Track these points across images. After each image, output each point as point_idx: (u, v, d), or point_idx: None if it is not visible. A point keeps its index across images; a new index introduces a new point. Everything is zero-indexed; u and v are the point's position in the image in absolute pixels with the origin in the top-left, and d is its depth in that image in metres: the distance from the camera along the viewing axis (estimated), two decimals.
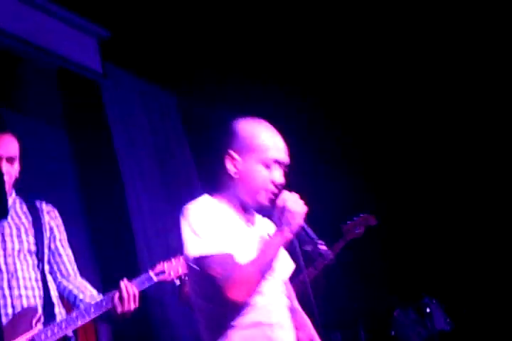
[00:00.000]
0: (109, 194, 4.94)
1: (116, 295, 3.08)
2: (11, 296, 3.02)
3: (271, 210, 2.44)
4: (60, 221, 3.36)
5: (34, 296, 3.09)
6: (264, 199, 2.44)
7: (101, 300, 3.10)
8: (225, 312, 2.36)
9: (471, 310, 5.52)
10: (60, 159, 4.87)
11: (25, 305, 3.04)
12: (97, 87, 5.20)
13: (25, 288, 3.08)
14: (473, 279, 5.69)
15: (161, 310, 4.85)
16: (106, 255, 4.82)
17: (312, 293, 2.44)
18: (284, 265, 2.55)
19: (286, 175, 2.50)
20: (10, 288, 3.03)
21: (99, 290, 3.27)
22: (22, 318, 2.98)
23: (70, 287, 3.25)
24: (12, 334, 2.92)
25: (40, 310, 3.05)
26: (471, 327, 5.38)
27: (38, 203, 3.33)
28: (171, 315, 4.90)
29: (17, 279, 3.06)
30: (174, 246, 4.39)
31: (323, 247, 2.42)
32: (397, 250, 5.91)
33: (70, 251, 3.35)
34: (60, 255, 3.28)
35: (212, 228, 2.35)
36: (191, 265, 2.37)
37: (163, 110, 5.83)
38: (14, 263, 3.08)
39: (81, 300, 3.19)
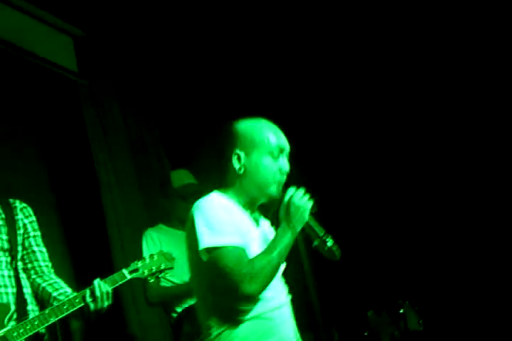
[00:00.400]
0: (84, 192, 4.92)
1: (89, 292, 3.07)
2: None
3: (278, 204, 2.51)
4: (34, 218, 3.35)
5: (7, 293, 3.08)
6: (274, 191, 2.52)
7: (73, 297, 3.08)
8: (231, 304, 2.40)
9: (441, 311, 5.57)
10: (33, 158, 4.86)
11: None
12: (74, 87, 5.18)
13: None
14: (445, 280, 5.73)
15: (135, 309, 4.84)
16: (80, 253, 4.79)
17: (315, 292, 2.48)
18: None
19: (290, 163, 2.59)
20: None
21: (73, 289, 3.26)
22: None
23: (44, 284, 3.24)
24: None
25: (12, 307, 3.04)
26: (442, 327, 5.42)
27: (11, 201, 3.32)
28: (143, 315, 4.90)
29: None
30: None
31: (330, 243, 2.48)
32: (371, 251, 5.94)
33: (44, 249, 3.34)
34: (33, 252, 3.27)
35: (225, 222, 2.40)
36: (203, 258, 2.38)
37: (139, 110, 5.82)
38: None
39: (55, 298, 3.18)
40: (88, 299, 3.05)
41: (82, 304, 3.06)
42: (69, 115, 5.12)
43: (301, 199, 2.45)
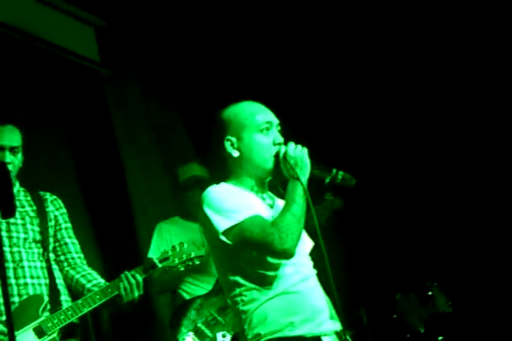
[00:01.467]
0: (110, 183, 4.95)
1: (120, 282, 3.11)
2: (17, 285, 3.06)
3: (281, 174, 2.53)
4: (64, 210, 3.40)
5: (40, 284, 3.13)
6: (271, 164, 2.55)
7: (105, 287, 3.13)
8: (258, 283, 2.44)
9: (470, 292, 5.56)
10: (59, 149, 4.89)
11: (31, 293, 3.07)
12: (96, 76, 5.22)
13: (31, 277, 3.12)
14: (473, 262, 5.71)
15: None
16: (108, 243, 4.85)
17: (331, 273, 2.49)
18: (306, 240, 2.65)
19: (282, 132, 2.61)
20: (16, 277, 3.07)
21: (104, 279, 3.30)
22: (28, 306, 3.03)
23: (77, 276, 3.28)
24: (19, 322, 2.95)
25: (46, 298, 3.09)
26: (471, 309, 5.41)
27: (41, 193, 3.37)
28: None
29: (23, 268, 3.10)
30: None
31: (340, 173, 2.52)
32: (397, 234, 5.93)
33: (76, 240, 3.39)
34: (66, 244, 3.32)
35: (232, 201, 2.45)
36: (227, 241, 2.41)
37: (161, 96, 5.84)
38: (20, 252, 3.12)
39: (88, 289, 3.22)
40: (120, 289, 3.10)
41: (115, 294, 3.11)
42: (92, 104, 5.16)
43: (295, 150, 2.49)
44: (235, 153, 2.56)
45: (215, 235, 2.44)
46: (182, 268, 3.42)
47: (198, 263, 3.44)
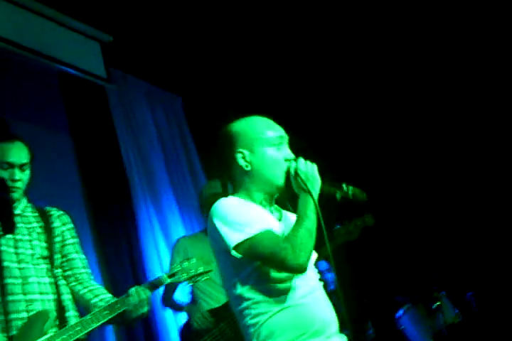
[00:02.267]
0: (117, 199, 4.96)
1: (129, 298, 3.10)
2: (26, 301, 3.05)
3: (291, 189, 2.55)
4: (71, 225, 3.40)
5: (48, 300, 3.13)
6: (282, 181, 2.56)
7: (113, 303, 3.12)
8: (266, 296, 2.45)
9: (480, 301, 5.54)
10: (66, 165, 4.90)
11: (39, 309, 3.07)
12: (102, 92, 5.25)
13: (40, 292, 3.12)
14: (482, 271, 5.70)
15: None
16: (114, 260, 4.83)
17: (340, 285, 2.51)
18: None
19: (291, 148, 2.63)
20: (24, 293, 3.07)
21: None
22: (36, 322, 3.02)
23: (84, 291, 3.27)
24: (27, 338, 2.95)
25: (53, 314, 3.08)
26: (480, 318, 5.39)
27: (47, 209, 3.38)
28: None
29: (31, 284, 3.10)
30: None
31: (350, 188, 2.56)
32: (404, 244, 5.93)
33: (83, 256, 3.39)
34: (73, 259, 3.32)
35: (243, 214, 2.45)
36: (236, 255, 2.41)
37: (168, 110, 5.86)
38: (28, 269, 3.12)
39: (95, 304, 3.21)
40: (128, 305, 3.09)
41: (123, 309, 3.10)
42: (99, 119, 5.19)
43: (305, 165, 2.51)
44: (247, 167, 2.56)
45: (224, 248, 2.44)
46: (190, 284, 3.42)
47: (205, 278, 3.46)
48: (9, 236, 3.10)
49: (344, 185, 2.56)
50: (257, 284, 2.46)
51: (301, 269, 2.39)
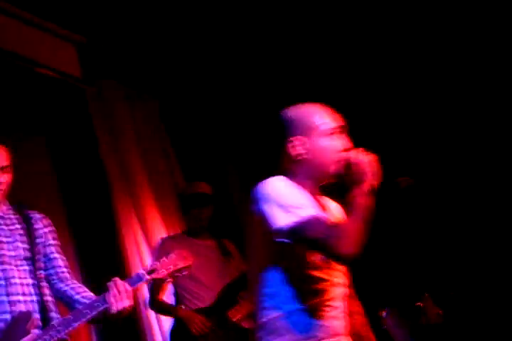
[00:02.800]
0: (96, 204, 4.93)
1: (109, 293, 3.04)
2: (9, 302, 3.03)
3: (346, 177, 2.49)
4: (52, 228, 3.38)
5: (32, 301, 3.10)
6: (337, 169, 2.49)
7: (94, 300, 3.08)
8: (292, 290, 2.40)
9: (461, 302, 5.55)
10: (43, 166, 4.87)
11: (22, 310, 3.03)
12: (80, 94, 5.22)
13: (23, 294, 3.09)
14: (465, 272, 5.71)
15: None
16: (92, 265, 4.79)
17: None
18: None
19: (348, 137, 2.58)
20: (7, 294, 3.04)
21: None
22: (18, 323, 2.98)
23: (66, 288, 3.25)
24: (9, 339, 2.93)
25: (36, 315, 3.06)
26: (462, 319, 5.40)
27: (30, 212, 3.36)
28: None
29: (14, 285, 3.07)
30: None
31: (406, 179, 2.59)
32: (385, 245, 5.91)
33: (64, 257, 3.36)
34: (55, 258, 3.30)
35: (296, 196, 2.39)
36: (283, 239, 2.35)
37: (145, 112, 5.84)
38: (11, 270, 3.10)
39: (77, 300, 3.19)
40: (109, 299, 3.02)
41: (104, 307, 3.03)
42: (78, 122, 5.16)
43: (362, 156, 2.45)
44: (301, 155, 2.50)
45: (267, 230, 2.37)
46: (169, 279, 3.36)
47: (185, 273, 3.43)
48: None
49: (400, 176, 2.56)
50: (289, 276, 2.40)
51: (348, 259, 2.32)
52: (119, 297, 3.03)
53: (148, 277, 3.19)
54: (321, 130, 2.50)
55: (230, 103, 6.04)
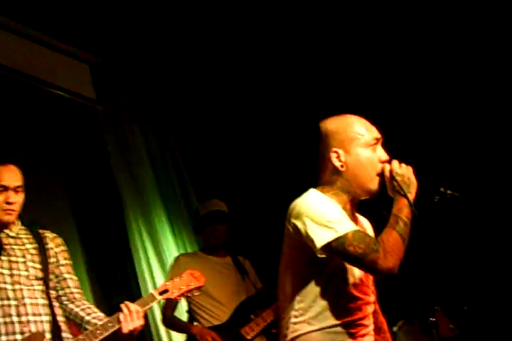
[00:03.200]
0: (108, 221, 4.95)
1: (121, 314, 3.10)
2: (20, 323, 3.05)
3: (380, 195, 2.49)
4: (65, 248, 3.42)
5: (42, 322, 3.12)
6: (376, 184, 2.48)
7: (107, 321, 3.12)
8: (324, 307, 2.40)
9: (474, 315, 5.52)
10: (56, 186, 4.90)
11: (33, 330, 3.06)
12: (93, 114, 5.27)
13: (34, 314, 3.11)
14: (477, 285, 5.68)
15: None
16: (106, 282, 4.83)
17: None
18: None
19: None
20: (18, 314, 3.06)
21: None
22: None
23: (77, 309, 3.28)
24: None
25: (48, 335, 3.08)
26: (475, 332, 5.37)
27: (41, 231, 3.39)
28: None
29: (25, 306, 3.09)
30: None
31: (448, 190, 2.51)
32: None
33: (75, 277, 3.40)
34: (64, 279, 3.33)
35: (334, 212, 2.37)
36: (324, 255, 2.33)
37: (158, 128, 5.87)
38: (21, 290, 3.12)
39: (88, 322, 3.22)
40: (121, 320, 3.08)
41: (116, 328, 3.08)
42: (90, 142, 5.21)
43: (401, 167, 2.44)
44: (341, 166, 2.49)
45: (306, 246, 2.35)
46: (181, 299, 3.43)
47: (197, 294, 3.46)
48: (4, 258, 3.13)
49: (442, 188, 2.51)
50: (327, 289, 2.40)
51: (389, 273, 2.29)
52: (131, 317, 3.08)
53: (160, 298, 3.25)
54: (363, 141, 2.49)
55: (237, 117, 6.05)
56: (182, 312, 4.63)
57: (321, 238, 2.30)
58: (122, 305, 3.12)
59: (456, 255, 5.76)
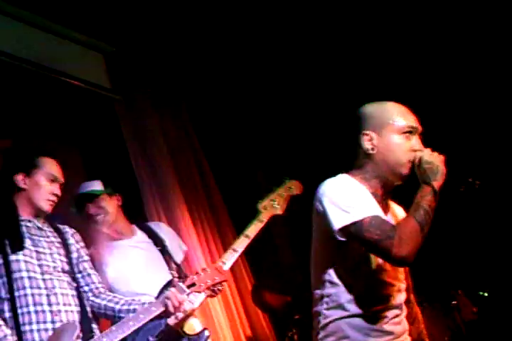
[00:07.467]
0: (128, 214, 4.94)
1: (169, 301, 3.15)
2: (51, 312, 3.06)
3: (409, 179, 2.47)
4: (83, 244, 3.47)
5: (72, 312, 3.15)
6: (406, 170, 2.46)
7: (149, 306, 3.18)
8: (357, 293, 2.41)
9: (496, 299, 5.51)
10: (74, 176, 4.88)
11: (64, 320, 3.09)
12: (108, 102, 5.26)
13: (64, 304, 3.13)
14: (499, 269, 5.66)
15: None
16: None
17: None
18: None
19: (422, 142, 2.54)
20: (49, 304, 3.08)
21: None
22: (62, 333, 3.02)
23: (105, 302, 3.34)
24: None
25: (78, 325, 3.09)
26: (497, 316, 5.37)
27: (61, 226, 3.43)
28: None
29: (56, 295, 3.11)
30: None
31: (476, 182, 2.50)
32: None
33: (95, 272, 3.45)
34: (89, 275, 3.38)
35: (356, 197, 2.38)
36: (341, 238, 2.34)
37: (175, 116, 5.85)
38: (52, 280, 3.14)
39: (120, 311, 3.29)
40: (168, 308, 3.16)
41: (160, 311, 3.16)
42: (107, 130, 5.19)
43: (431, 156, 2.43)
44: (372, 150, 2.49)
45: (327, 229, 2.37)
46: (208, 293, 3.49)
47: (221, 288, 3.46)
48: (32, 248, 3.14)
49: (470, 179, 2.49)
50: (356, 274, 2.41)
51: (402, 262, 2.29)
52: (177, 308, 3.18)
53: (188, 291, 3.25)
54: (396, 127, 2.48)
55: (258, 109, 6.03)
56: None
57: (338, 221, 2.32)
58: (171, 295, 3.16)
59: (479, 239, 5.74)
